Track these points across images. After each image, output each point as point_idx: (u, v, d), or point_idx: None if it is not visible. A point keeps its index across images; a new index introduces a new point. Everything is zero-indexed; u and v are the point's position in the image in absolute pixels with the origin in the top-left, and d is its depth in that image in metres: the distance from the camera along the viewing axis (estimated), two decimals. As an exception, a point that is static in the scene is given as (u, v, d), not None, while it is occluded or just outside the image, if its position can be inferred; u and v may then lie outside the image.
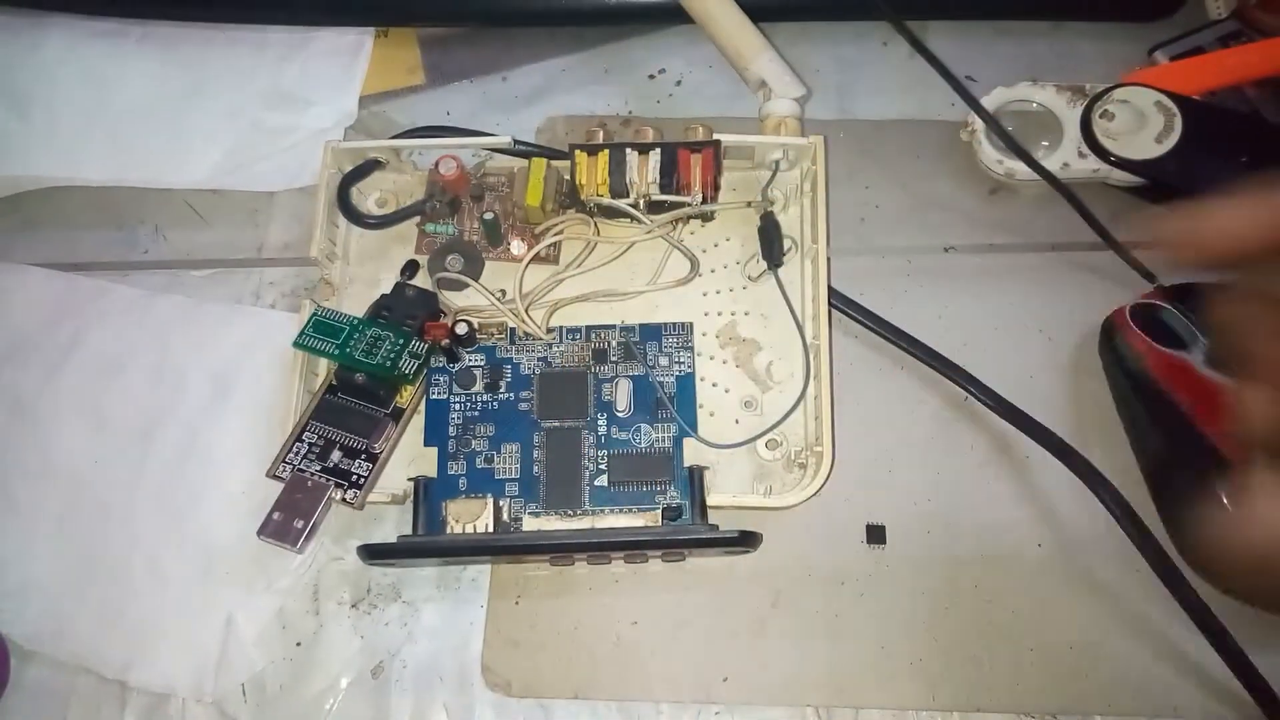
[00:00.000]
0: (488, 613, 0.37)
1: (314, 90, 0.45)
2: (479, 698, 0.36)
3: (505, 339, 0.39)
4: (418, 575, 0.38)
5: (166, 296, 0.43)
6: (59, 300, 0.43)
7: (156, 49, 0.47)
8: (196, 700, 0.37)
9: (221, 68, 0.47)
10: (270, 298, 0.43)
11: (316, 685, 0.37)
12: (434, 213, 0.41)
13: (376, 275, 0.41)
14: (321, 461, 0.36)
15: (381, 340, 0.37)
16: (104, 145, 0.44)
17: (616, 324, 0.39)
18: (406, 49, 0.48)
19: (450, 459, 0.38)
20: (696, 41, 0.45)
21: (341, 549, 0.39)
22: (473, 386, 0.38)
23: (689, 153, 0.38)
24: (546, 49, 0.48)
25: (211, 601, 0.38)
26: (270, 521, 0.35)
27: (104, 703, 0.37)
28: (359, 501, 0.36)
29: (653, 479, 0.37)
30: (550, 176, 0.40)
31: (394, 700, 0.36)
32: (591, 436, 0.37)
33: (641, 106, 0.46)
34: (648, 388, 0.38)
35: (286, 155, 0.44)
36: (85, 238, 0.45)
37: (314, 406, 0.37)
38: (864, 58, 0.47)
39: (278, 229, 0.45)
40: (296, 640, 0.38)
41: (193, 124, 0.45)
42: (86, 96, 0.46)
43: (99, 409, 0.41)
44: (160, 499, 0.39)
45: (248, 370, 0.41)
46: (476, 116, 0.46)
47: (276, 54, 0.47)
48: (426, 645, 0.37)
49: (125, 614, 0.38)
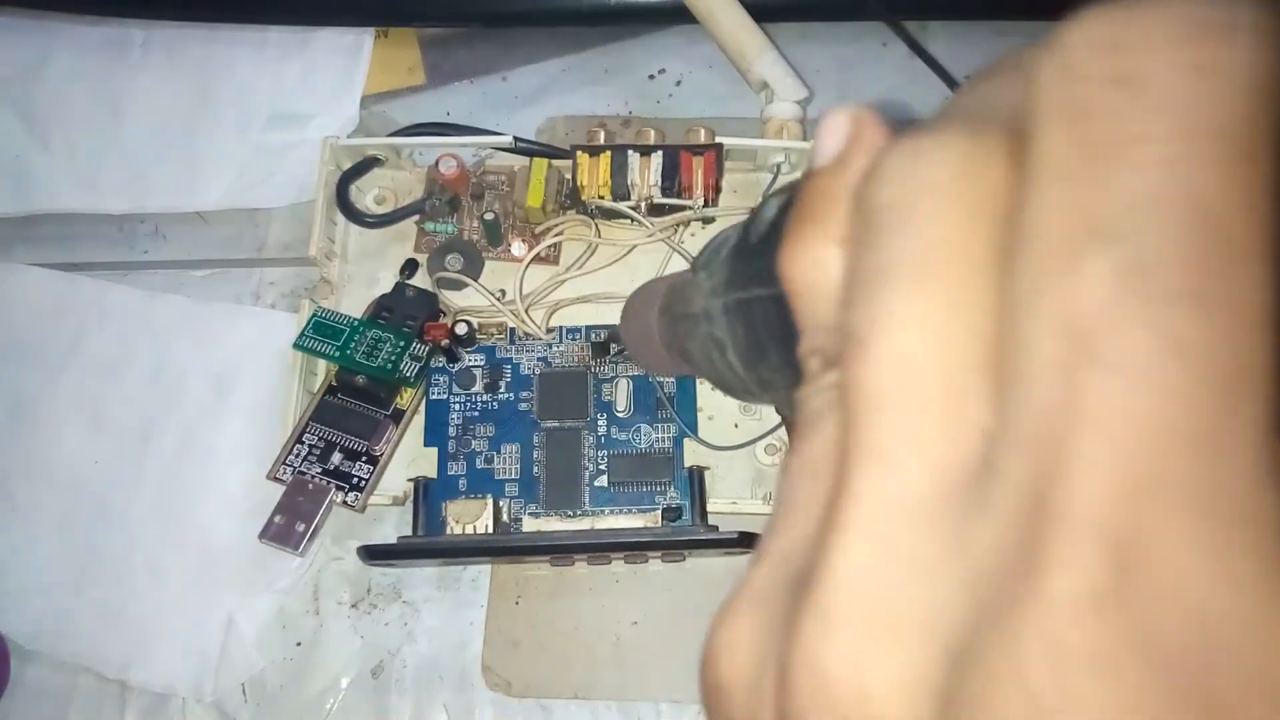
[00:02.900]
0: (488, 613, 0.37)
1: (316, 101, 0.45)
2: (479, 698, 0.36)
3: (505, 339, 0.39)
4: (418, 575, 0.38)
5: (166, 297, 0.43)
6: (59, 300, 0.43)
7: (161, 55, 0.47)
8: (197, 700, 0.37)
9: (225, 73, 0.47)
10: (270, 298, 0.43)
11: (317, 685, 0.37)
12: (433, 211, 0.41)
13: (375, 274, 0.41)
14: (322, 464, 0.36)
15: (382, 342, 0.37)
16: (121, 174, 0.45)
17: (617, 324, 0.39)
18: (406, 49, 0.48)
19: (450, 459, 0.38)
20: (696, 41, 0.45)
21: (341, 549, 0.39)
22: (472, 387, 0.39)
23: (691, 155, 0.38)
24: (546, 49, 0.48)
25: (212, 601, 0.38)
26: (272, 525, 0.35)
27: (104, 702, 0.37)
28: (360, 504, 0.36)
29: (653, 479, 0.37)
30: (551, 177, 0.40)
31: (394, 700, 0.37)
32: (591, 437, 0.37)
33: (642, 107, 0.46)
34: (648, 388, 0.38)
35: (294, 169, 0.44)
36: (85, 238, 0.45)
37: (314, 408, 0.37)
38: (863, 58, 0.47)
39: (277, 229, 0.45)
40: (297, 640, 0.38)
41: (203, 145, 0.45)
42: (101, 119, 0.46)
43: (99, 409, 0.41)
44: (160, 499, 0.39)
45: (248, 370, 0.41)
46: (476, 117, 0.46)
47: (277, 55, 0.47)
48: (426, 645, 0.37)
49: (125, 614, 0.38)
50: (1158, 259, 0.07)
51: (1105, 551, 0.07)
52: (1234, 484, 0.07)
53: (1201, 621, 0.07)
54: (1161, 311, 0.07)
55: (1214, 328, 0.07)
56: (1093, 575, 0.07)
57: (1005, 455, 0.08)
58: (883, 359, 0.09)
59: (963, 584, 0.08)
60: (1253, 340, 0.07)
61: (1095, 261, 0.08)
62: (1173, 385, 0.07)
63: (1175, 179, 0.07)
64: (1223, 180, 0.07)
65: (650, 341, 0.27)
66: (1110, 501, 0.07)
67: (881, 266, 0.09)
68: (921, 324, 0.09)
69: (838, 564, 0.09)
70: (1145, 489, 0.07)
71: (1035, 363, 0.08)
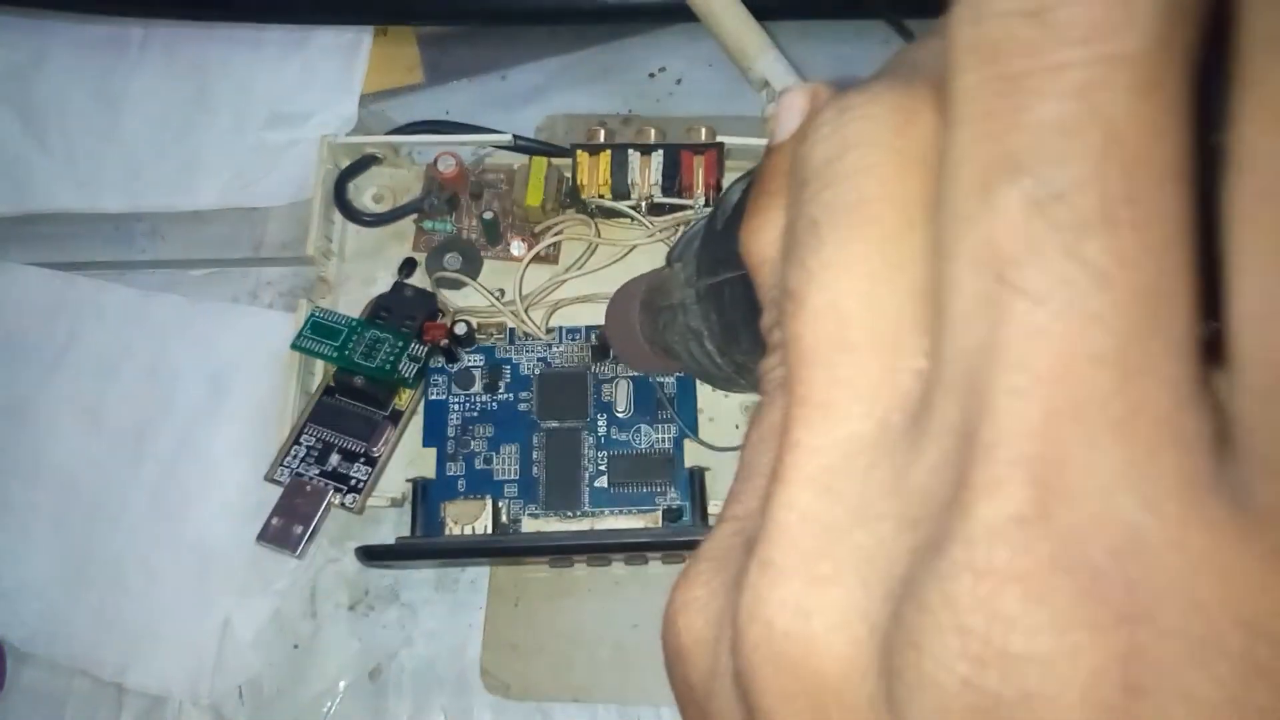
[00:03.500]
0: (486, 615, 0.37)
1: (315, 99, 0.45)
2: (477, 700, 0.36)
3: (504, 339, 0.39)
4: (416, 577, 0.38)
5: (163, 296, 0.43)
6: (55, 300, 0.43)
7: (159, 54, 0.47)
8: (193, 703, 0.37)
9: (223, 72, 0.46)
10: (268, 297, 0.43)
11: (314, 688, 0.37)
12: (432, 210, 0.41)
13: (373, 273, 0.41)
14: (320, 465, 0.36)
15: (381, 342, 0.37)
16: (118, 173, 0.45)
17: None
18: (405, 47, 0.48)
19: (449, 460, 0.37)
20: (696, 40, 0.45)
21: (339, 550, 0.38)
22: (471, 387, 0.38)
23: (691, 154, 0.38)
24: (546, 47, 0.48)
25: (208, 603, 0.38)
26: (269, 527, 0.35)
27: (100, 705, 0.37)
28: (358, 506, 0.36)
29: (653, 480, 0.36)
30: (551, 176, 0.39)
31: (392, 703, 0.36)
32: (591, 437, 0.37)
33: (641, 105, 0.46)
34: (648, 388, 0.38)
35: (292, 168, 0.44)
36: (82, 237, 0.45)
37: (311, 409, 0.37)
38: (864, 57, 0.47)
39: (275, 228, 0.44)
40: (294, 642, 0.37)
41: (201, 144, 0.45)
42: (98, 118, 0.46)
43: (95, 409, 0.41)
44: (156, 500, 0.39)
45: (245, 370, 0.41)
46: (476, 115, 0.46)
47: (275, 54, 0.46)
48: (425, 648, 0.37)
49: (121, 616, 0.38)
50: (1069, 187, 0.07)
51: (1029, 477, 0.08)
52: (1155, 404, 0.07)
53: (1124, 539, 0.07)
54: (1075, 238, 0.07)
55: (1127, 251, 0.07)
56: (1017, 501, 0.08)
57: (937, 394, 0.08)
58: (817, 312, 0.09)
59: (902, 523, 0.09)
60: (1168, 261, 0.07)
61: (1009, 194, 0.08)
62: (1090, 310, 0.07)
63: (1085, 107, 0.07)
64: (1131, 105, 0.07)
65: (634, 339, 0.27)
66: (1033, 428, 0.08)
67: (814, 222, 0.10)
68: (853, 274, 0.09)
69: (780, 515, 0.09)
70: (1067, 414, 0.07)
71: (959, 300, 0.08)
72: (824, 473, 0.09)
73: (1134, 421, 0.07)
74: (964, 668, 0.07)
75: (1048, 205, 0.07)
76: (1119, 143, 0.07)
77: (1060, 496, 0.07)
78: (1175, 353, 0.07)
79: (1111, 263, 0.07)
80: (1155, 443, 0.07)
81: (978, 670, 0.07)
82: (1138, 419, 0.07)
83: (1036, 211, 0.08)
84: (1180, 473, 0.07)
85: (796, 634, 0.09)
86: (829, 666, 0.09)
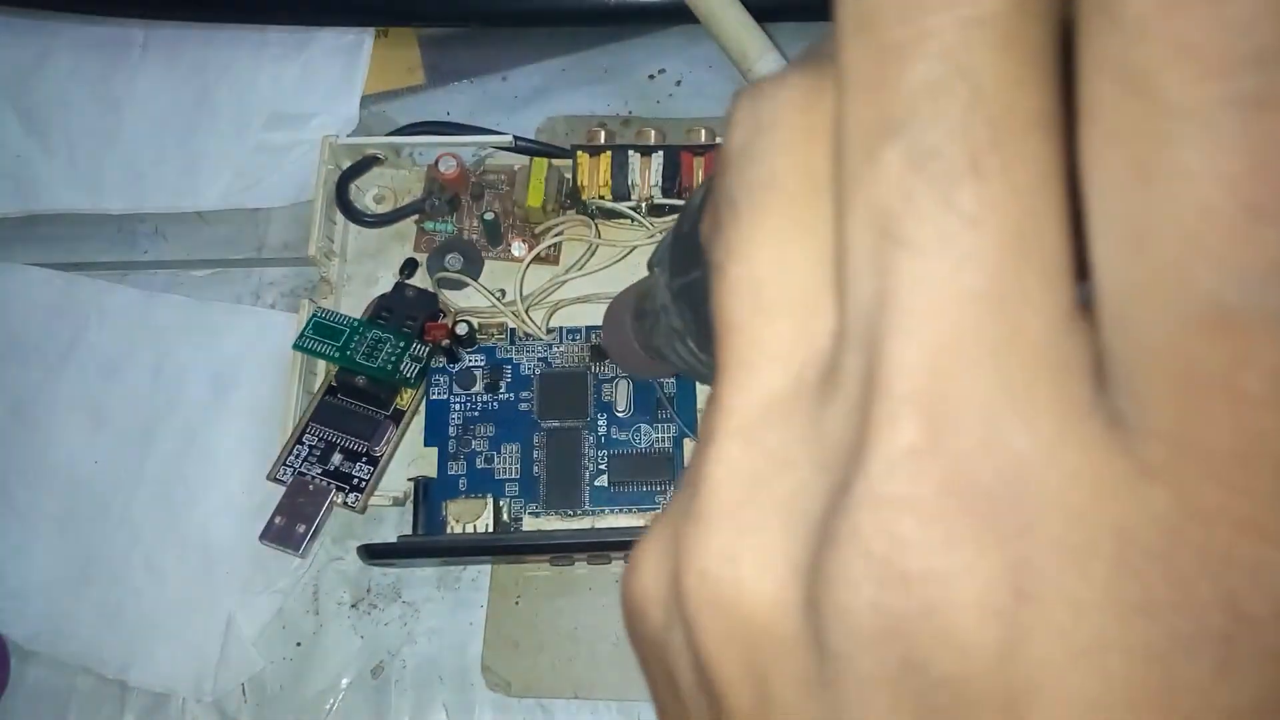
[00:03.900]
0: (488, 613, 0.37)
1: (317, 101, 0.45)
2: (479, 698, 0.36)
3: (505, 339, 0.39)
4: (418, 575, 0.38)
5: (166, 297, 0.43)
6: (59, 300, 0.43)
7: (161, 55, 0.47)
8: (196, 700, 0.37)
9: (224, 73, 0.47)
10: (270, 298, 0.43)
11: (316, 685, 0.37)
12: (433, 211, 0.41)
13: (375, 274, 0.41)
14: (322, 464, 0.36)
15: (382, 343, 0.37)
16: (121, 174, 0.45)
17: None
18: (406, 49, 0.48)
19: (450, 459, 0.38)
20: (696, 41, 0.45)
21: (341, 549, 0.39)
22: (473, 387, 0.39)
23: (691, 156, 0.38)
24: (546, 48, 0.48)
25: (211, 602, 0.38)
26: (272, 526, 0.35)
27: (104, 703, 0.37)
28: (360, 505, 0.36)
29: (653, 479, 0.37)
30: (551, 177, 0.40)
31: (394, 700, 0.37)
32: (591, 436, 0.37)
33: (641, 107, 0.46)
34: (648, 388, 0.38)
35: (293, 168, 0.44)
36: (85, 238, 0.45)
37: (314, 408, 0.37)
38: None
39: (277, 228, 0.44)
40: (296, 640, 0.38)
41: (203, 144, 0.45)
42: (101, 119, 0.46)
43: (99, 409, 0.41)
44: (160, 499, 0.39)
45: (247, 370, 0.41)
46: (476, 116, 0.46)
47: (277, 55, 0.47)
48: (426, 645, 0.37)
49: (125, 614, 0.38)
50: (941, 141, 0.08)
51: (918, 412, 0.08)
52: (1030, 332, 0.08)
53: (1007, 460, 0.08)
54: (947, 189, 0.08)
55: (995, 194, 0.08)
56: (909, 434, 0.08)
57: (844, 347, 0.09)
58: (736, 281, 0.10)
59: (819, 467, 0.09)
60: (1037, 201, 0.08)
61: (889, 154, 0.08)
62: (966, 252, 0.08)
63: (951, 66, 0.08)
64: (992, 60, 0.08)
65: (630, 346, 0.27)
66: (919, 365, 0.08)
67: (731, 201, 0.10)
68: (767, 243, 0.10)
69: (707, 470, 0.10)
70: (949, 348, 0.08)
71: (854, 257, 0.09)
72: (746, 428, 0.10)
73: (1011, 350, 0.08)
74: (871, 591, 0.08)
75: (922, 161, 0.08)
76: (982, 96, 0.08)
77: (947, 426, 0.08)
78: (1048, 285, 0.08)
79: (980, 207, 0.08)
80: (1032, 369, 0.08)
81: (883, 592, 0.08)
82: (1014, 347, 0.08)
83: (913, 168, 0.08)
84: (1057, 396, 0.08)
85: (727, 579, 0.10)
86: (758, 607, 0.09)
